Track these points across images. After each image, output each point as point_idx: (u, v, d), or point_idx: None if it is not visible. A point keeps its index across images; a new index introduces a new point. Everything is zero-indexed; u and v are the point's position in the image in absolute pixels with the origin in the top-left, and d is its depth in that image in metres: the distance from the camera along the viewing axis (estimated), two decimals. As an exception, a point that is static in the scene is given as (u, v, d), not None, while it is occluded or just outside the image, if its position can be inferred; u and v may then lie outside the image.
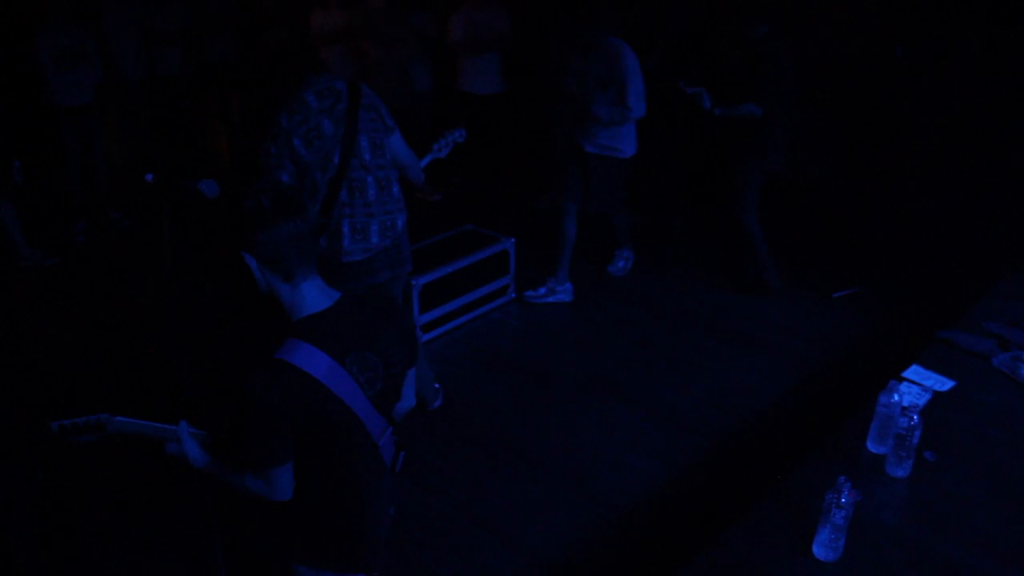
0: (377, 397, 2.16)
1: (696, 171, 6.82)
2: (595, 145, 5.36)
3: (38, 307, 5.60)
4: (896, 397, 2.86)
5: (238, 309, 5.20)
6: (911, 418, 2.71)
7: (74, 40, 6.22)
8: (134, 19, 7.17)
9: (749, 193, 5.45)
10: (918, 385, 3.25)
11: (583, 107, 5.25)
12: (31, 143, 6.30)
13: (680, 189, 6.95)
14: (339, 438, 2.11)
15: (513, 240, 5.54)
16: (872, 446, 2.91)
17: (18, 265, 6.00)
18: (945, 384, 3.28)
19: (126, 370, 4.80)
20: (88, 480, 3.90)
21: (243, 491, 2.14)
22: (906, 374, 3.33)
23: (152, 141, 7.73)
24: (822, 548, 2.44)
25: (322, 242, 3.56)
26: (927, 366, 3.39)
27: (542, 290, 5.65)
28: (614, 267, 6.06)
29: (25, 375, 4.77)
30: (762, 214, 5.54)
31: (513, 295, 5.65)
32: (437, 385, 4.46)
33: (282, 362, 1.98)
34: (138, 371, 4.75)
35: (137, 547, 3.54)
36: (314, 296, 2.09)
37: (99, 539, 3.58)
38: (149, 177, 2.49)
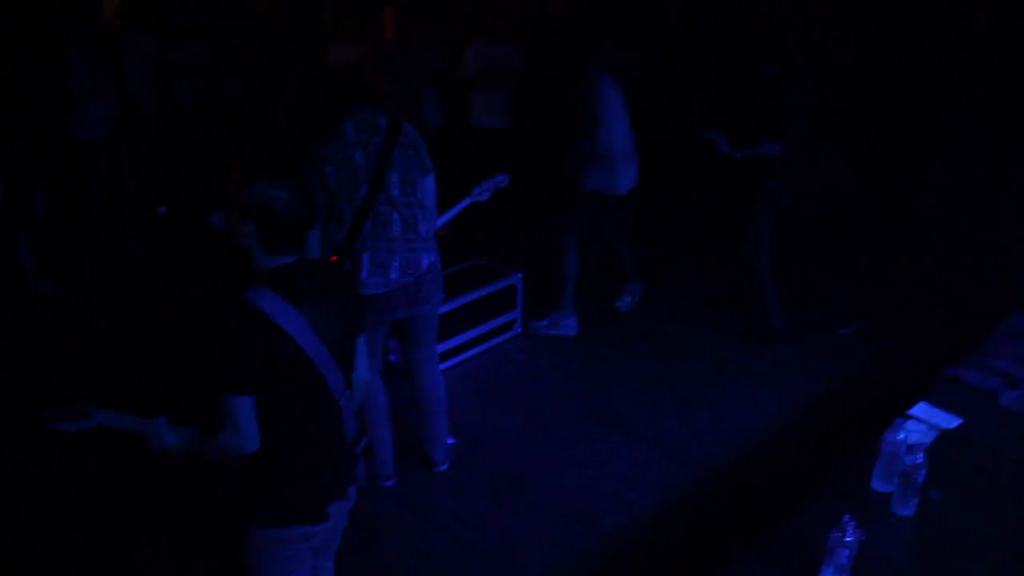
0: (333, 347, 2.34)
1: (704, 206, 6.84)
2: (589, 182, 5.33)
3: (46, 334, 5.63)
4: (902, 435, 2.83)
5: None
6: (917, 456, 2.69)
7: (94, 75, 6.31)
8: (152, 53, 7.28)
9: (761, 232, 5.35)
10: (924, 423, 3.22)
11: (570, 143, 5.26)
12: (48, 175, 6.38)
13: (687, 224, 6.97)
14: (293, 382, 2.28)
15: (521, 275, 5.55)
16: (878, 484, 2.88)
17: (28, 293, 6.04)
18: (952, 422, 3.25)
19: (126, 390, 4.83)
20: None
21: (218, 453, 2.29)
22: (913, 412, 3.30)
23: (165, 173, 7.80)
24: (826, 587, 2.41)
25: (344, 268, 3.60)
26: (934, 403, 3.36)
27: (545, 321, 5.68)
28: (621, 302, 6.06)
29: (29, 395, 4.80)
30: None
31: (520, 330, 5.65)
32: (452, 440, 4.35)
33: (241, 301, 2.21)
34: (138, 391, 4.80)
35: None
36: (279, 259, 2.34)
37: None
38: (162, 209, 2.55)
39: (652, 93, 6.91)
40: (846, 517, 2.42)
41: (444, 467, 4.24)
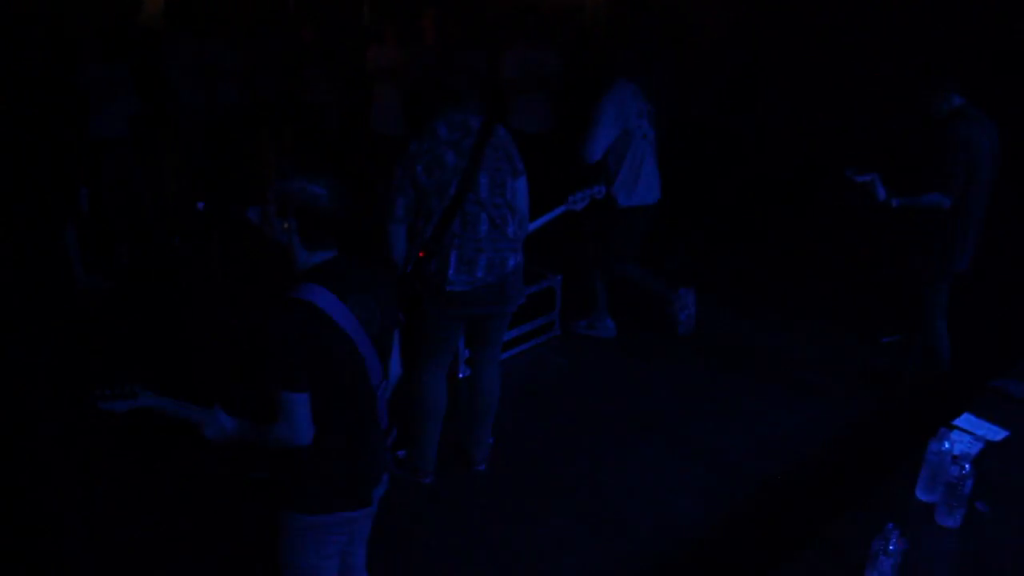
0: (375, 340, 2.41)
1: (752, 209, 6.76)
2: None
3: (93, 327, 5.73)
4: (947, 445, 2.81)
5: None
6: (963, 467, 2.66)
7: (110, 74, 6.40)
8: (192, 54, 7.37)
9: (936, 297, 4.61)
10: (969, 434, 3.19)
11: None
12: (97, 170, 6.49)
13: (733, 232, 6.93)
14: (343, 373, 2.36)
15: (560, 277, 5.56)
16: (922, 494, 2.85)
17: (76, 288, 6.15)
18: (998, 434, 3.21)
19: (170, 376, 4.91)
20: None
21: (272, 443, 2.35)
22: (957, 422, 3.27)
23: (207, 170, 7.90)
24: (869, 596, 2.39)
25: (432, 266, 3.66)
26: (979, 415, 3.33)
27: (583, 322, 5.70)
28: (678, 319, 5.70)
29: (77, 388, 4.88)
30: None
31: (559, 332, 5.66)
32: (491, 440, 4.36)
33: (295, 299, 2.28)
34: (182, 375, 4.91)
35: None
36: (321, 254, 2.40)
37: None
38: (200, 205, 2.60)
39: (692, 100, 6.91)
40: (889, 526, 2.40)
41: (482, 467, 4.26)
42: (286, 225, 2.35)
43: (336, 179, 2.39)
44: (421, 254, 3.66)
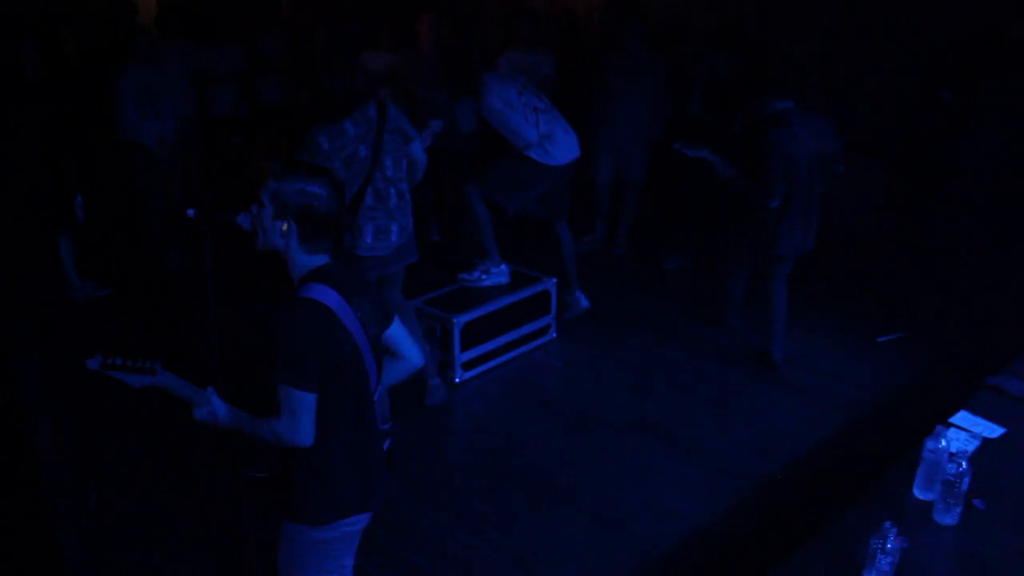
0: (372, 340, 2.42)
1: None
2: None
3: (86, 335, 5.70)
4: (943, 443, 2.81)
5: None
6: (960, 464, 2.66)
7: (151, 81, 6.39)
8: (190, 61, 7.35)
9: (738, 279, 5.47)
10: (966, 431, 3.19)
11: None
12: (93, 178, 6.46)
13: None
14: (349, 373, 2.35)
15: (555, 280, 5.55)
16: (919, 492, 2.85)
17: (70, 296, 6.13)
18: (995, 431, 3.21)
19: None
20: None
21: (267, 436, 2.32)
22: (954, 420, 3.27)
23: (201, 178, 7.88)
24: (867, 595, 2.39)
25: (347, 237, 4.11)
26: (976, 412, 3.32)
27: (476, 273, 5.53)
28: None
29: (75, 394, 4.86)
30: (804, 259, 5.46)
31: (555, 335, 5.65)
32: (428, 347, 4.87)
33: (306, 298, 2.29)
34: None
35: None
36: (318, 258, 2.39)
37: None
38: (191, 212, 2.61)
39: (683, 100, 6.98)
40: (887, 524, 2.40)
41: (436, 381, 4.79)
42: (285, 227, 2.32)
43: (331, 176, 2.38)
44: None
